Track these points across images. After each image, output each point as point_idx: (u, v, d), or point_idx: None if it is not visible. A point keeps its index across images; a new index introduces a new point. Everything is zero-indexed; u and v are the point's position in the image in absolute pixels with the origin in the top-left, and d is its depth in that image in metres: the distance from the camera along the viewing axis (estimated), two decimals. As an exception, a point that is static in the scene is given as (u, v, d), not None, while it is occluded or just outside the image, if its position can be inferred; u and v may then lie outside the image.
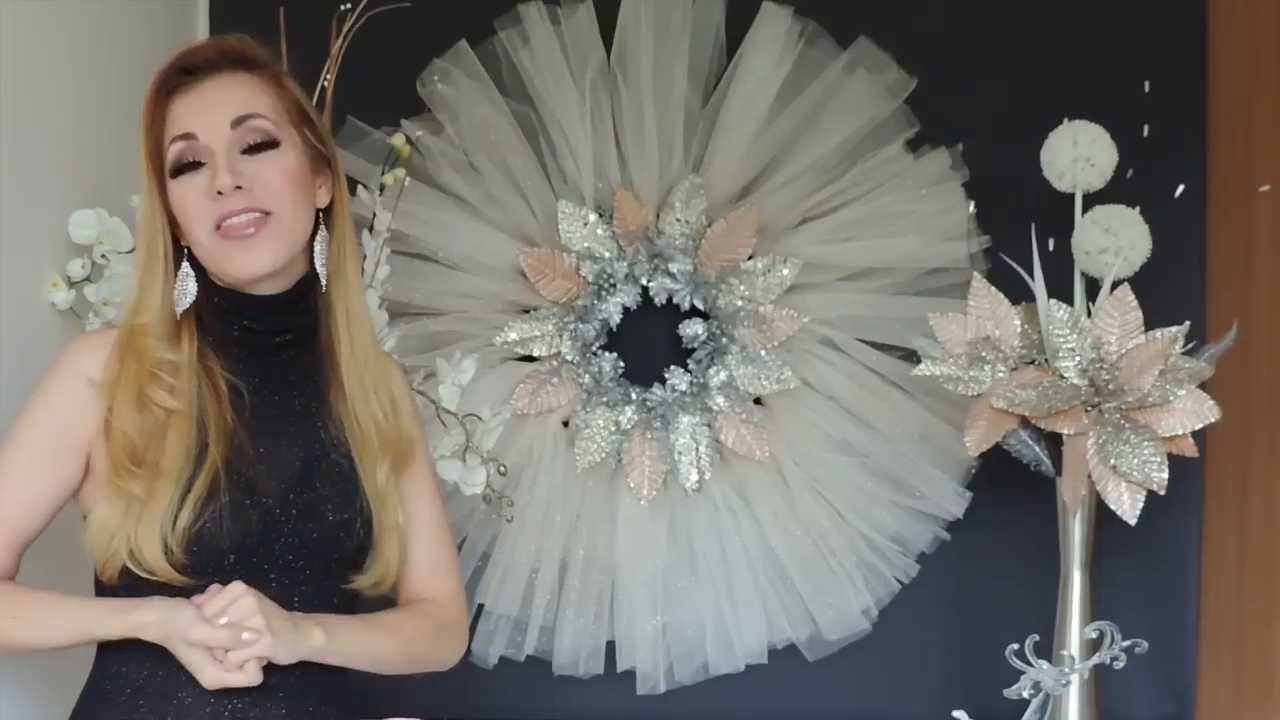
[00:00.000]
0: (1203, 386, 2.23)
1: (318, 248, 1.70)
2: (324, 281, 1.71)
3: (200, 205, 1.63)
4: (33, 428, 1.66)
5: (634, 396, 2.61)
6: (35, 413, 1.66)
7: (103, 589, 1.66)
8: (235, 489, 1.61)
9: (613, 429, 2.60)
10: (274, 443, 1.66)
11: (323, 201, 1.72)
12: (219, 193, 1.62)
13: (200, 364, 1.66)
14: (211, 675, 1.56)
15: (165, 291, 1.66)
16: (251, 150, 1.65)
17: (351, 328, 1.72)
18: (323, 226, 1.71)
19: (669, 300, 2.64)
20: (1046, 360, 2.25)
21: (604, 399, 2.61)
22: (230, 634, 1.55)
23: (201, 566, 1.59)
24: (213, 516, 1.59)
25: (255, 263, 1.64)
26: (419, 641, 1.76)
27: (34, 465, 1.65)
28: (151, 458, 1.61)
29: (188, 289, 1.67)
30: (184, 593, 1.59)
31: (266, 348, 1.70)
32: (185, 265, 1.67)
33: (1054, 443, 2.26)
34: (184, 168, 1.65)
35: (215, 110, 1.65)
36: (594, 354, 2.62)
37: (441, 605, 1.80)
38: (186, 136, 1.64)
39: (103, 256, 2.01)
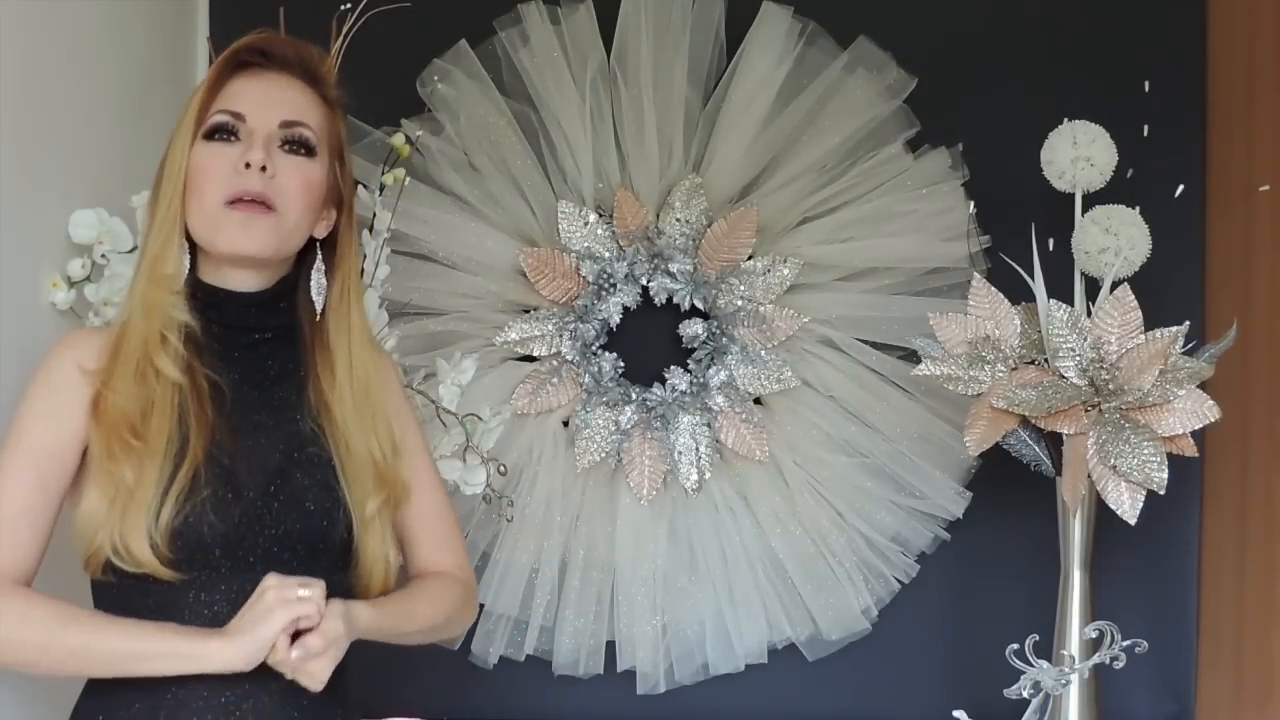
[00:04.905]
0: (1203, 386, 2.23)
1: (314, 277, 1.76)
2: (318, 310, 1.75)
3: (223, 173, 1.68)
4: (33, 421, 1.67)
5: (634, 396, 2.61)
6: (34, 405, 1.68)
7: (93, 582, 1.67)
8: (217, 483, 1.63)
9: (613, 429, 2.60)
10: (253, 436, 1.69)
11: (320, 233, 1.77)
12: (246, 165, 1.67)
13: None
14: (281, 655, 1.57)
15: (180, 249, 1.70)
16: (289, 149, 1.71)
17: (354, 371, 1.76)
18: (319, 258, 1.76)
19: (669, 300, 2.63)
20: (1046, 360, 2.25)
21: (604, 399, 2.60)
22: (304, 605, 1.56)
23: (188, 561, 1.61)
24: (195, 511, 1.61)
25: (245, 243, 1.69)
26: (451, 607, 1.82)
27: (39, 456, 1.66)
28: (144, 431, 1.63)
29: (184, 259, 1.71)
30: (170, 586, 1.60)
31: (245, 344, 1.73)
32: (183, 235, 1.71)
33: (1054, 443, 2.26)
34: (219, 136, 1.70)
35: (273, 104, 1.72)
36: (594, 354, 2.61)
37: (455, 577, 1.86)
38: (235, 115, 1.70)
39: (103, 256, 2.01)
